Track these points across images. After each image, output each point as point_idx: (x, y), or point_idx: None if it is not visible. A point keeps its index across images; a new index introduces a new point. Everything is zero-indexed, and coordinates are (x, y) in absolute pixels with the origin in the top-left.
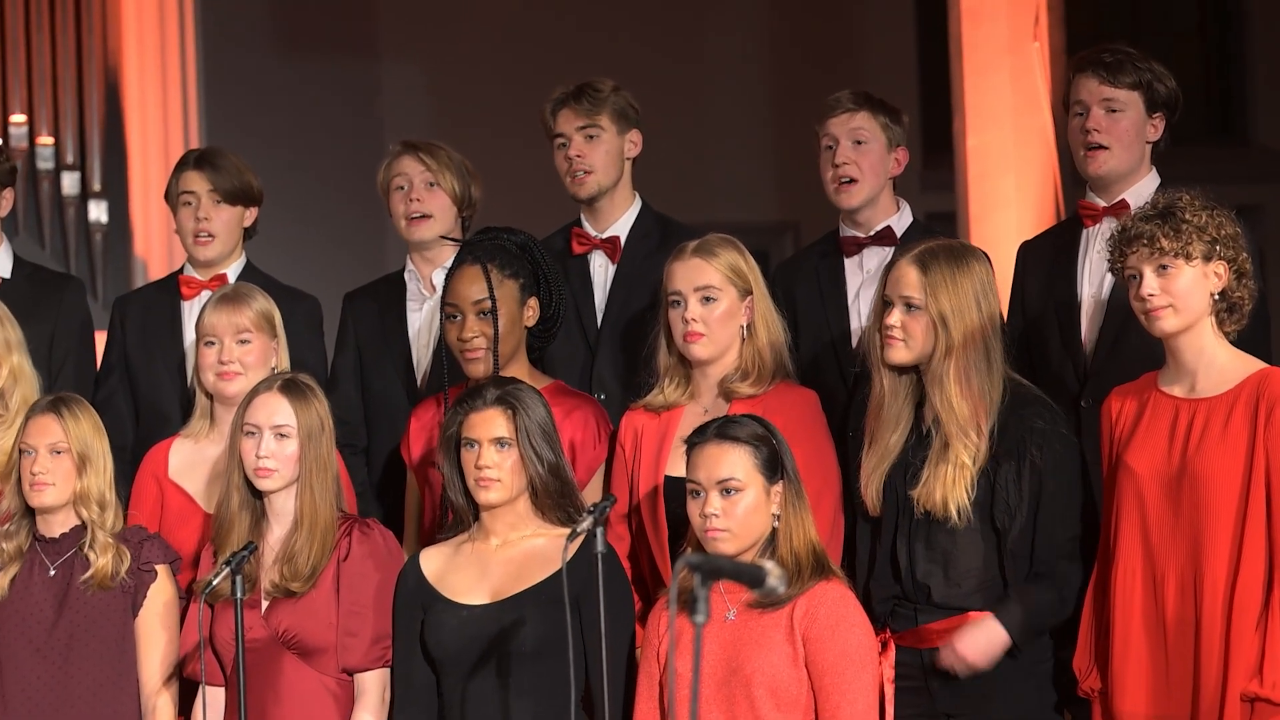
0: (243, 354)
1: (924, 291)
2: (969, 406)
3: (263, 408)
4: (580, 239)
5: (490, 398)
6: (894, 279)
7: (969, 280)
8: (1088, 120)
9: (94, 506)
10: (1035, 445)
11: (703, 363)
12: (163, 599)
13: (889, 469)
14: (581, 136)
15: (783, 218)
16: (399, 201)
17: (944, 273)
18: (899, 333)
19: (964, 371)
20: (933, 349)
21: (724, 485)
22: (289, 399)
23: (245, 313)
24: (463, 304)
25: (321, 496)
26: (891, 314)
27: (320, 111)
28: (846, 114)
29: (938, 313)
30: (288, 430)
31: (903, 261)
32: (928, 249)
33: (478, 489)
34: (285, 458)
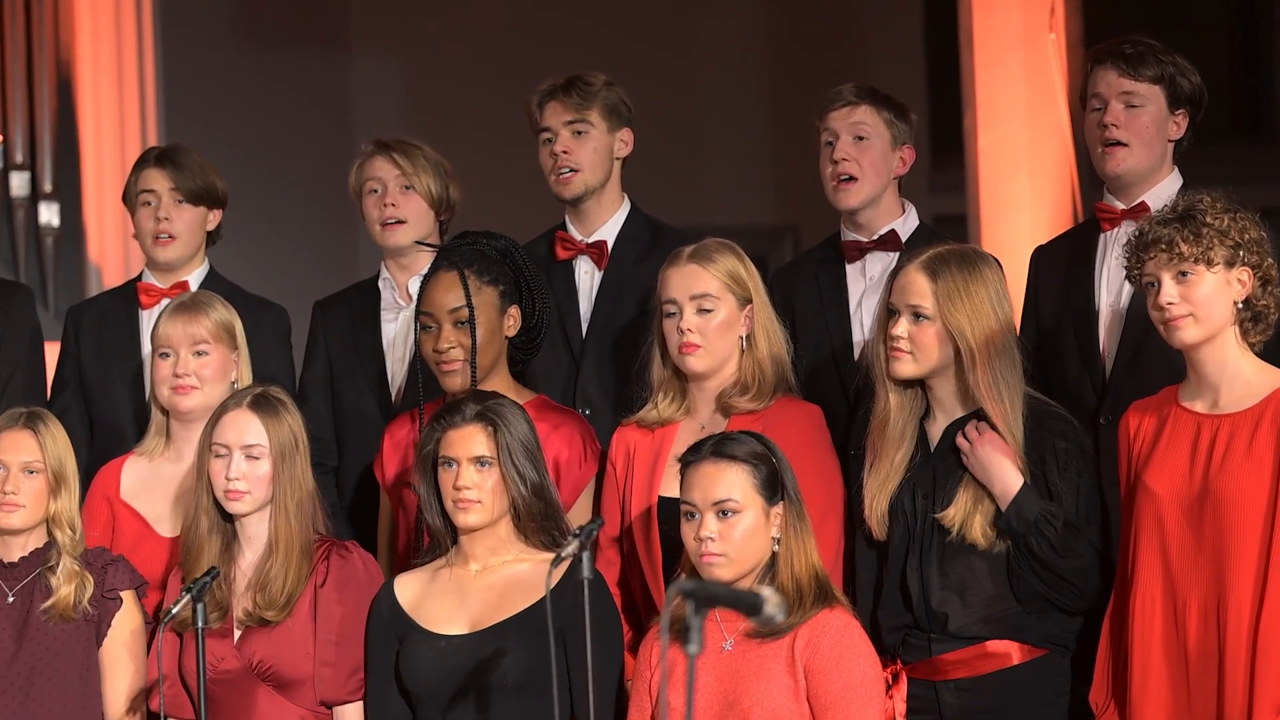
0: (199, 367)
1: (934, 300)
2: (1003, 420)
3: (232, 426)
4: (564, 244)
5: (469, 413)
6: (900, 286)
7: (982, 287)
8: (1105, 115)
9: (66, 530)
10: (1061, 462)
11: (699, 376)
12: (129, 627)
13: (895, 490)
14: (569, 132)
15: (781, 220)
16: (372, 205)
17: (955, 280)
18: (905, 345)
19: (995, 382)
20: (944, 362)
21: (720, 507)
22: (260, 416)
23: (202, 322)
24: (438, 313)
25: (297, 519)
26: (897, 324)
27: (288, 108)
28: (847, 108)
29: (955, 324)
30: (259, 450)
31: (910, 268)
32: (937, 254)
33: (456, 511)
34: (257, 479)
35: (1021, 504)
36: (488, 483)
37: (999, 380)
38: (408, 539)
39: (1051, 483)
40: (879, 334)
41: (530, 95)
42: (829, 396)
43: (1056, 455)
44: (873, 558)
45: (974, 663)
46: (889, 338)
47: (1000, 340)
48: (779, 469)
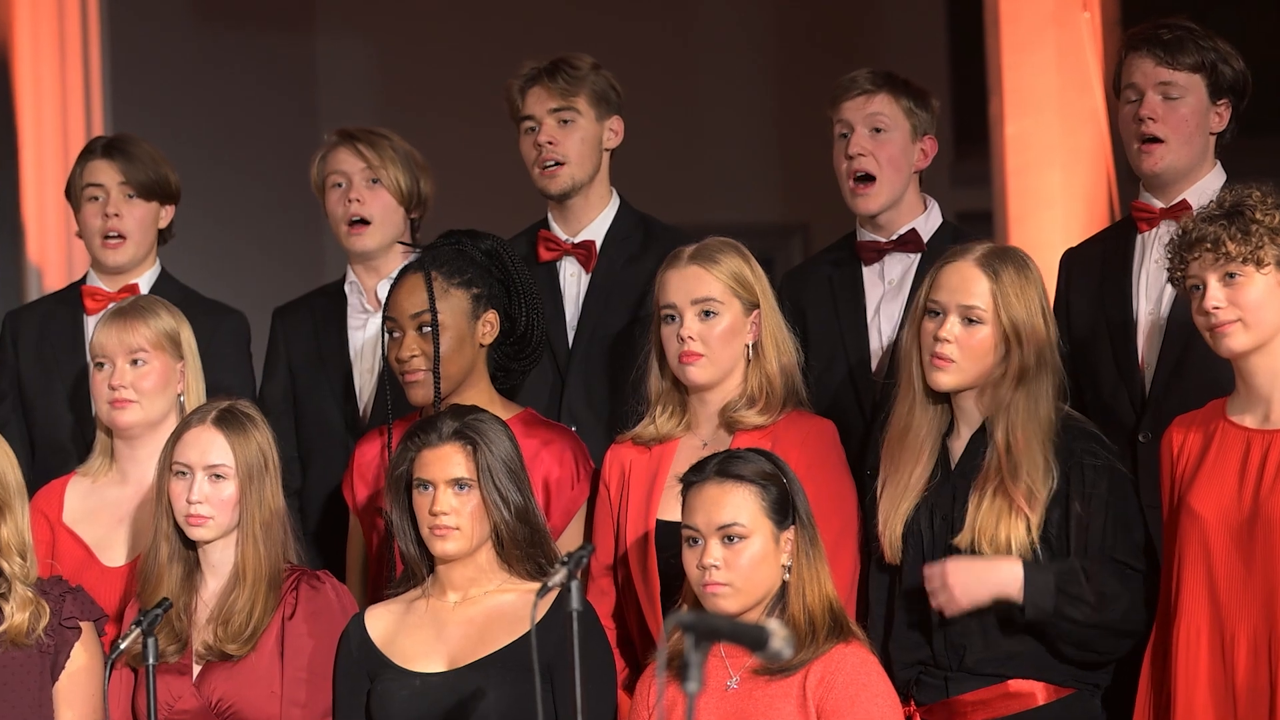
0: (137, 378)
1: (993, 302)
2: (1038, 440)
3: (194, 444)
4: (548, 243)
5: (446, 431)
6: (951, 285)
7: (1034, 290)
8: (1141, 108)
9: (15, 557)
10: (1089, 482)
11: (701, 388)
12: (85, 660)
13: (911, 509)
14: (554, 120)
15: (789, 218)
16: (336, 202)
17: (1016, 282)
18: (951, 350)
19: (1035, 398)
20: (990, 373)
21: (726, 531)
22: (225, 433)
23: (138, 329)
24: (400, 318)
25: (265, 545)
26: (946, 325)
27: (246, 95)
28: (863, 97)
29: (1011, 327)
30: (224, 470)
31: (965, 263)
32: (992, 251)
33: (432, 539)
34: (221, 502)
35: (1034, 587)
36: (467, 507)
37: (1039, 394)
38: (379, 568)
39: (1074, 508)
40: (912, 335)
41: (511, 80)
42: (843, 411)
43: (1084, 473)
44: (885, 583)
45: (995, 704)
46: (935, 339)
47: (1047, 353)
48: (790, 490)
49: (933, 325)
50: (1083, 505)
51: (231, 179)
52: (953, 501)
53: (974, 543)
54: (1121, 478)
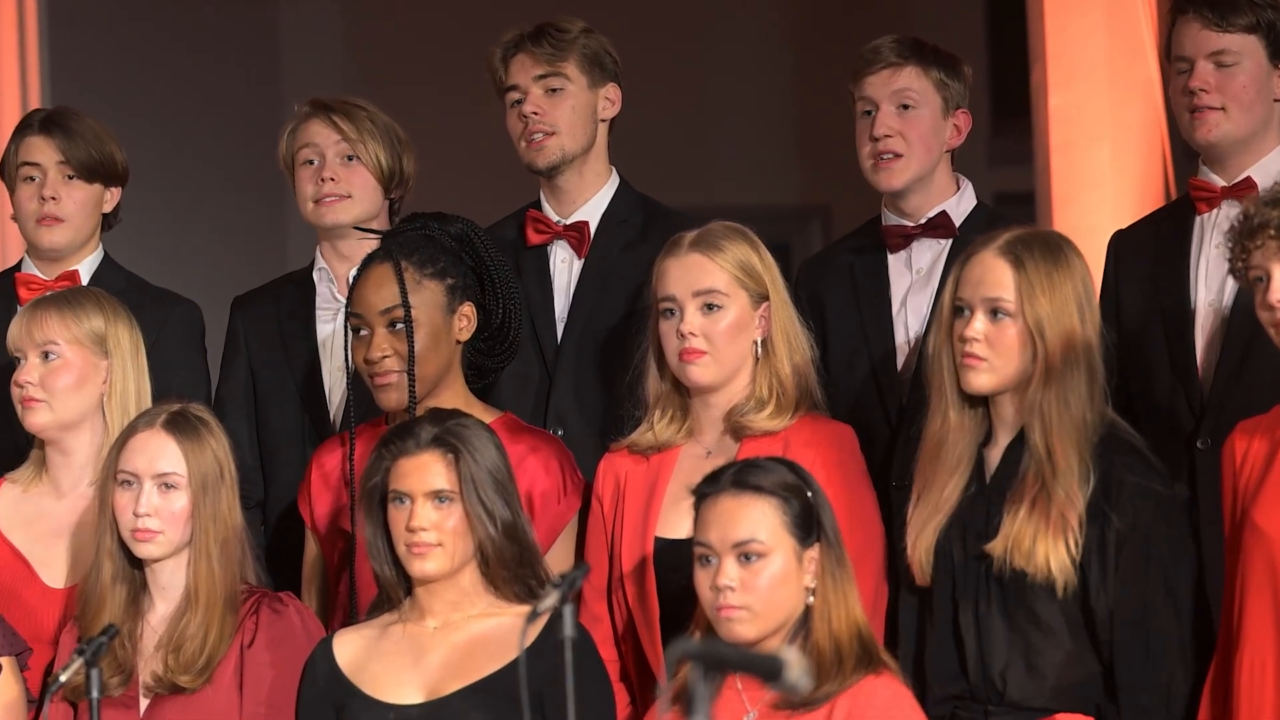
0: (46, 375)
1: (1018, 294)
2: (1073, 443)
3: (141, 451)
4: (538, 225)
5: (424, 438)
6: (974, 277)
7: (1069, 281)
8: (1192, 79)
9: None
10: (1126, 504)
11: (704, 390)
12: (4, 700)
13: (943, 526)
14: (541, 89)
15: (808, 200)
16: (307, 179)
17: (1042, 270)
18: (982, 349)
19: (1065, 397)
20: (1027, 371)
21: (743, 549)
22: (177, 438)
23: (49, 322)
24: (368, 314)
25: (221, 565)
26: (972, 324)
27: (201, 64)
28: (889, 70)
29: (1035, 321)
30: (175, 479)
31: (986, 253)
32: (1018, 238)
33: (410, 557)
34: (172, 515)
35: None
36: (448, 522)
37: (1070, 394)
38: (339, 591)
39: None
40: (943, 336)
41: (493, 48)
42: (866, 414)
43: (1123, 489)
44: (915, 607)
45: None
46: (962, 338)
47: (1081, 349)
48: (815, 503)
49: (960, 325)
50: (1128, 527)
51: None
52: (986, 517)
53: (1007, 554)
54: (1167, 504)
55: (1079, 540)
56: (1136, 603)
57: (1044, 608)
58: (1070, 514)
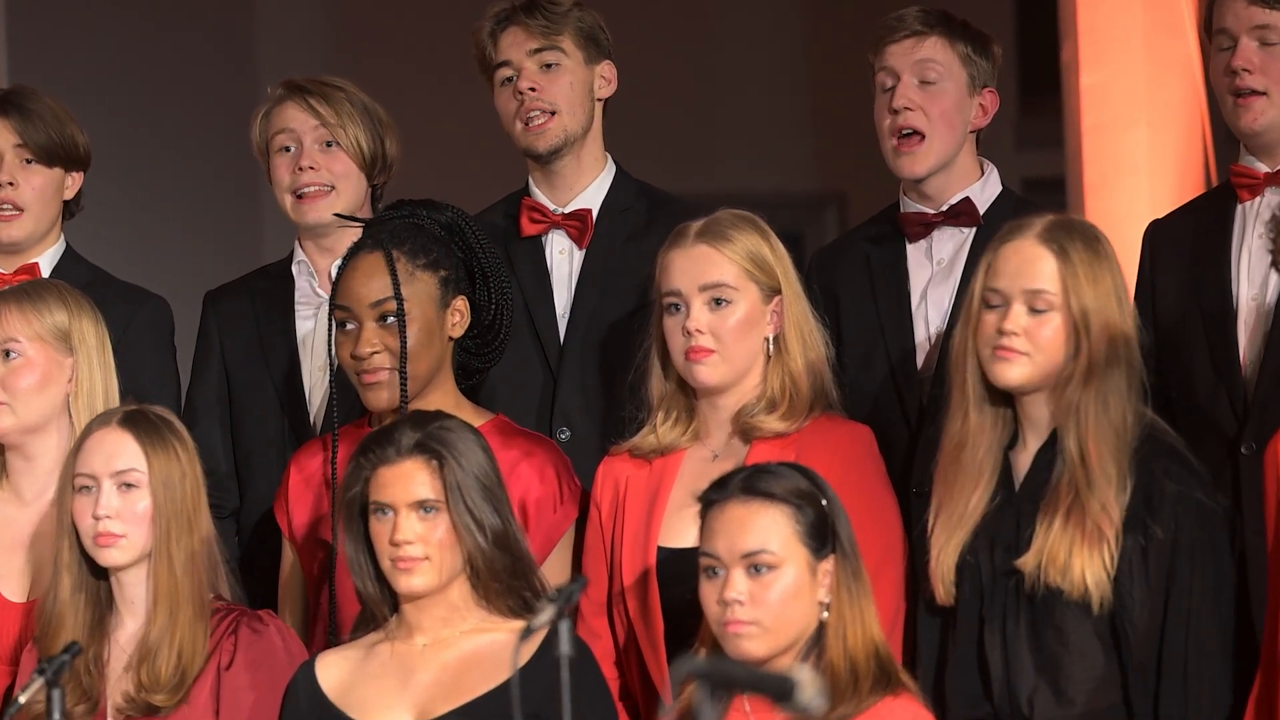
0: (7, 374)
1: (1063, 285)
2: (1111, 447)
3: (98, 450)
4: (534, 214)
5: (405, 444)
6: (1014, 268)
7: (1109, 272)
8: (1234, 57)
9: None
10: (1167, 515)
11: (711, 390)
12: None
13: (967, 539)
14: (535, 64)
15: (822, 186)
16: (283, 166)
17: (1086, 260)
18: (1022, 343)
19: (1105, 397)
20: (1064, 367)
21: (752, 560)
22: (135, 434)
23: (8, 319)
24: (357, 307)
25: (187, 571)
26: (1011, 316)
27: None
28: (912, 40)
29: (1081, 314)
30: (135, 477)
31: (1026, 242)
32: (1057, 224)
33: (395, 573)
34: (135, 517)
35: None
36: (435, 534)
37: (1110, 393)
38: (319, 607)
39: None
40: (968, 333)
41: (480, 23)
42: (884, 415)
43: (1165, 499)
44: (936, 625)
45: None
46: (999, 332)
47: (1120, 347)
48: (829, 512)
49: (993, 317)
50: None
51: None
52: (1016, 528)
53: (1040, 569)
54: (1210, 516)
55: (1115, 553)
56: (1176, 620)
57: (1076, 627)
58: (1106, 525)
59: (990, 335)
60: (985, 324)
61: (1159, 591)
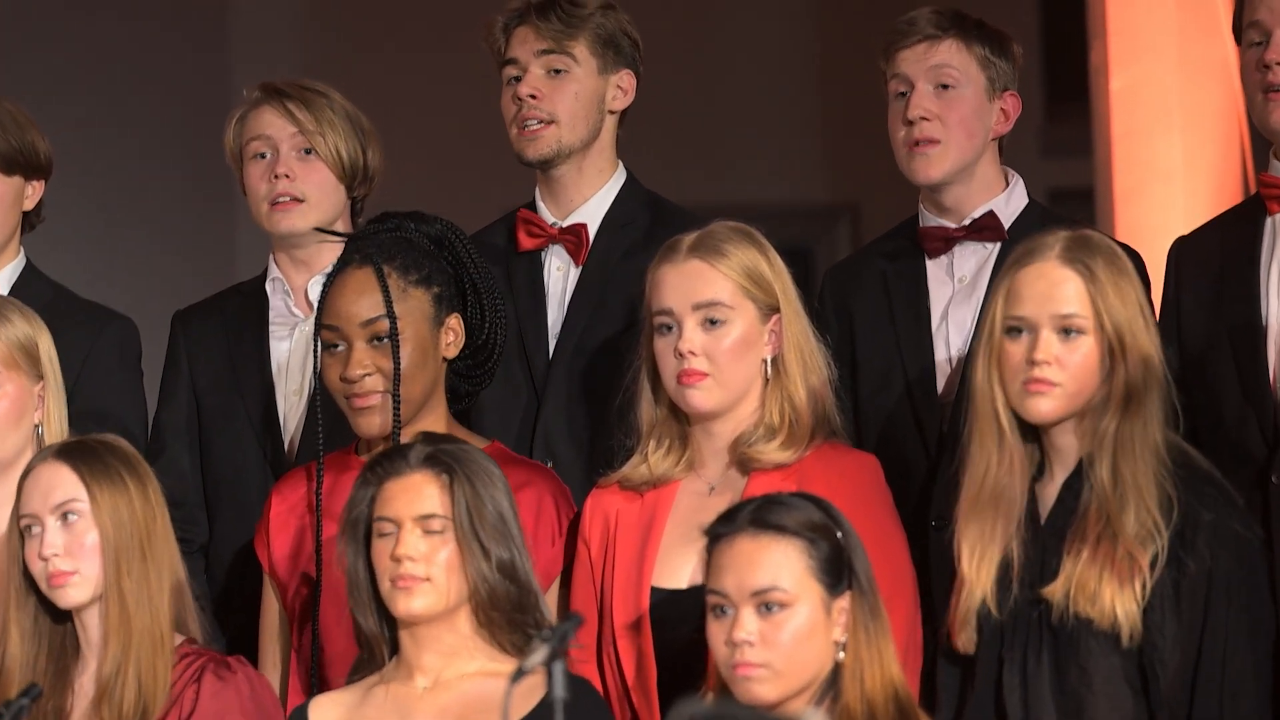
0: None
1: (1094, 308)
2: (1149, 474)
3: (35, 487)
4: (531, 228)
5: (416, 457)
6: (1040, 293)
7: (1132, 288)
8: (1268, 51)
9: None
10: (1201, 546)
11: (706, 416)
12: None
13: (991, 580)
14: (542, 68)
15: (834, 198)
16: (258, 175)
17: (1110, 277)
18: (1055, 372)
19: (1142, 423)
20: (1095, 394)
21: (763, 598)
22: (71, 464)
23: None
24: (346, 327)
25: (139, 605)
26: (1042, 345)
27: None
28: (925, 44)
29: (1115, 335)
30: (76, 507)
31: (1049, 264)
32: (1077, 242)
33: (395, 593)
34: (84, 549)
35: None
36: (439, 554)
37: (1145, 418)
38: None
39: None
40: (989, 361)
41: (495, 16)
42: (901, 443)
43: (1200, 530)
44: (957, 675)
45: None
46: (1029, 363)
47: (1155, 367)
48: (845, 545)
49: (1018, 348)
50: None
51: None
52: (1042, 564)
53: (1069, 598)
54: (1247, 547)
55: (1148, 583)
56: (1210, 658)
57: (1102, 663)
58: (1140, 555)
59: (1018, 367)
60: (1010, 354)
61: (1192, 628)
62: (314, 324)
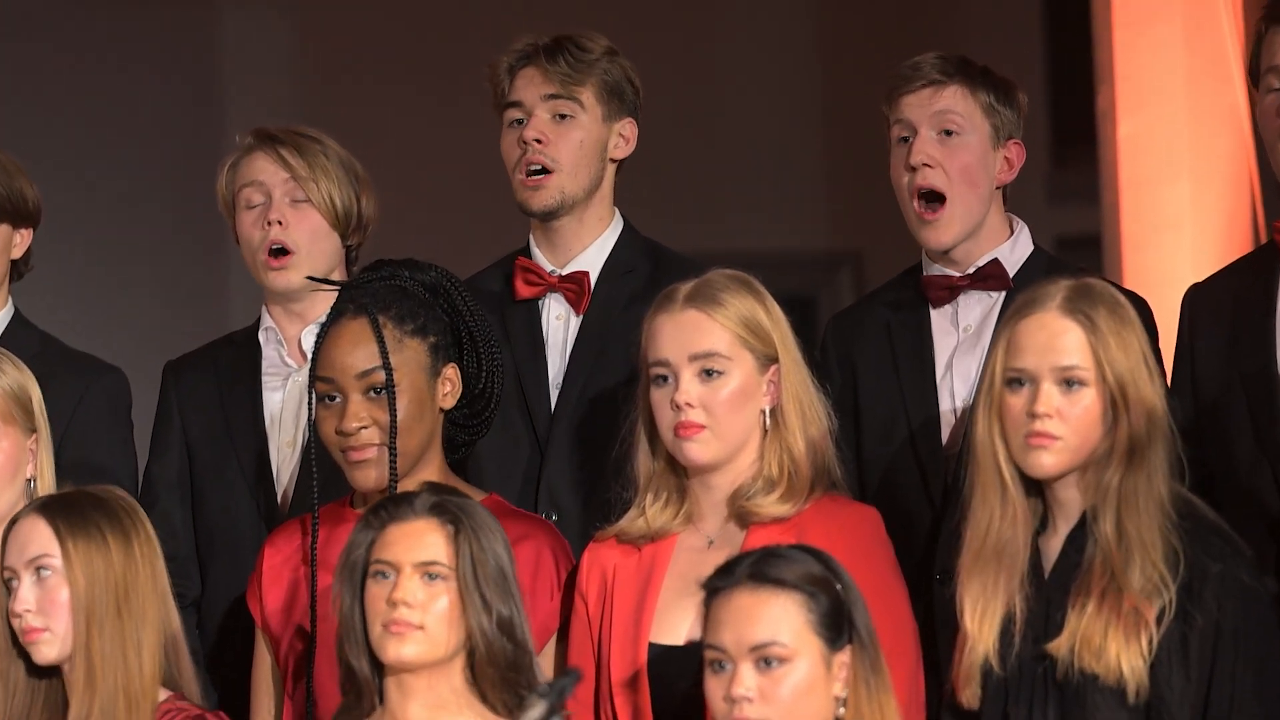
0: None
1: (1095, 359)
2: (1154, 526)
3: (14, 541)
4: (529, 276)
5: (423, 504)
6: (1040, 344)
7: (1136, 337)
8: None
9: None
10: (1209, 598)
11: (704, 469)
12: None
13: (994, 637)
14: (548, 112)
15: (837, 245)
16: (252, 224)
17: (1113, 327)
18: (1056, 425)
19: (1150, 474)
20: (1098, 446)
21: (762, 653)
22: (49, 519)
23: None
24: (342, 378)
25: (109, 661)
26: (1043, 397)
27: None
28: (930, 89)
29: (1117, 385)
30: (50, 563)
31: (1049, 315)
32: (1077, 292)
33: (386, 638)
34: (55, 606)
35: None
36: (437, 603)
37: (1150, 469)
38: (299, 710)
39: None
40: (990, 414)
41: (499, 57)
42: (905, 495)
43: (1208, 582)
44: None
45: None
46: (1029, 416)
47: (1159, 418)
48: (845, 599)
49: (1019, 400)
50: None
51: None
52: (1046, 618)
53: (1074, 653)
54: (1255, 598)
55: (1155, 638)
56: (1218, 711)
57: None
58: (1146, 609)
59: (1019, 420)
60: (1011, 407)
61: (1200, 681)
62: (308, 375)
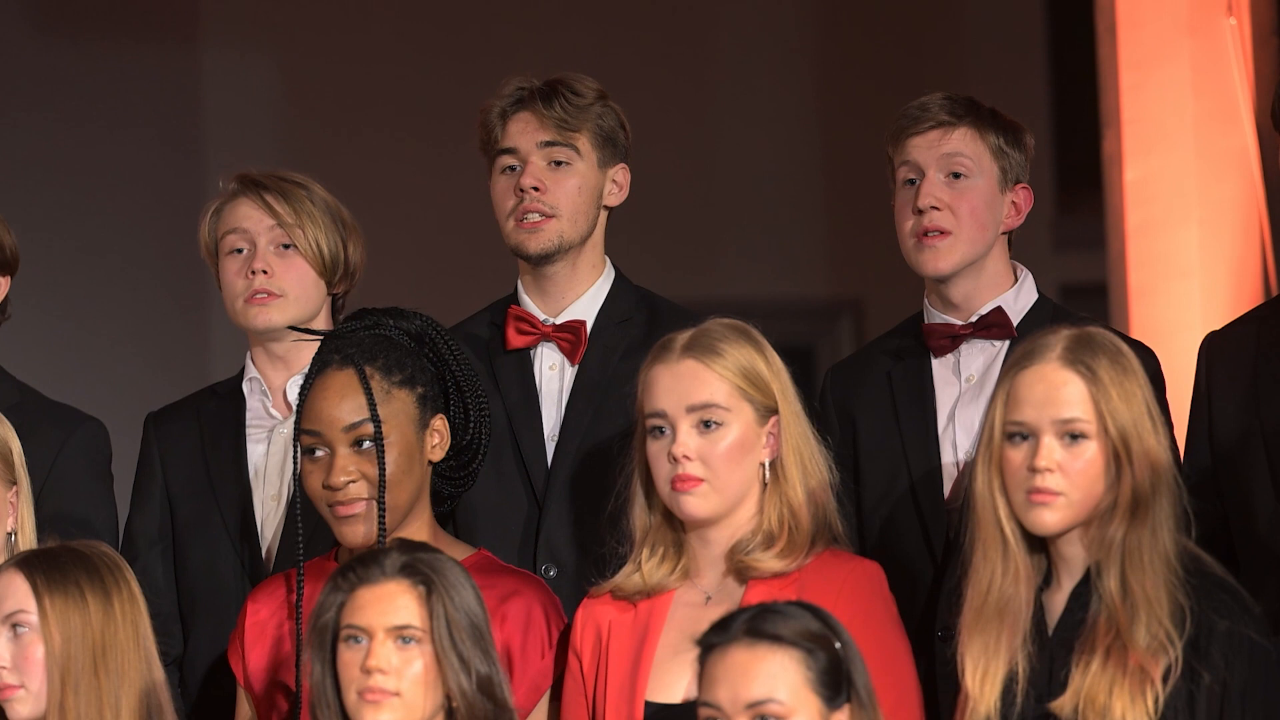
0: None
1: (1097, 411)
2: (1160, 582)
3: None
4: (522, 324)
5: (392, 565)
6: (1040, 397)
7: (1139, 388)
8: None
9: None
10: (1216, 655)
11: (701, 523)
12: None
13: (997, 696)
14: (544, 159)
15: (837, 292)
16: (234, 271)
17: (1116, 379)
18: (1057, 481)
19: (1155, 528)
20: (1101, 500)
21: (758, 711)
22: (28, 575)
23: None
24: (329, 432)
25: (87, 716)
26: (1044, 452)
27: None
28: (938, 131)
29: (1120, 438)
30: (25, 619)
31: (1049, 366)
32: (1077, 342)
33: (361, 706)
34: (29, 663)
35: None
36: (411, 668)
37: (1156, 524)
38: None
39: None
40: (990, 468)
41: (490, 101)
42: (906, 550)
43: (1215, 639)
44: None
45: None
46: (1030, 470)
47: (1164, 471)
48: (844, 656)
49: (1019, 454)
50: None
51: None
52: (1050, 676)
53: (1079, 712)
54: (1262, 654)
55: (1162, 696)
56: None
57: None
58: (1152, 667)
59: (1020, 475)
60: (1011, 461)
61: None
62: (293, 427)
